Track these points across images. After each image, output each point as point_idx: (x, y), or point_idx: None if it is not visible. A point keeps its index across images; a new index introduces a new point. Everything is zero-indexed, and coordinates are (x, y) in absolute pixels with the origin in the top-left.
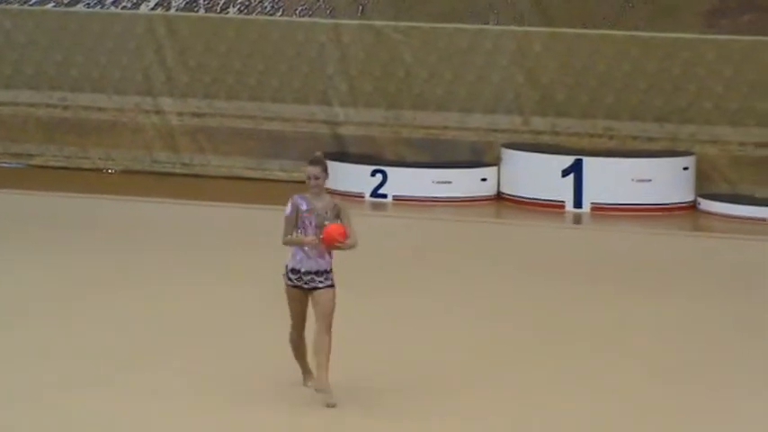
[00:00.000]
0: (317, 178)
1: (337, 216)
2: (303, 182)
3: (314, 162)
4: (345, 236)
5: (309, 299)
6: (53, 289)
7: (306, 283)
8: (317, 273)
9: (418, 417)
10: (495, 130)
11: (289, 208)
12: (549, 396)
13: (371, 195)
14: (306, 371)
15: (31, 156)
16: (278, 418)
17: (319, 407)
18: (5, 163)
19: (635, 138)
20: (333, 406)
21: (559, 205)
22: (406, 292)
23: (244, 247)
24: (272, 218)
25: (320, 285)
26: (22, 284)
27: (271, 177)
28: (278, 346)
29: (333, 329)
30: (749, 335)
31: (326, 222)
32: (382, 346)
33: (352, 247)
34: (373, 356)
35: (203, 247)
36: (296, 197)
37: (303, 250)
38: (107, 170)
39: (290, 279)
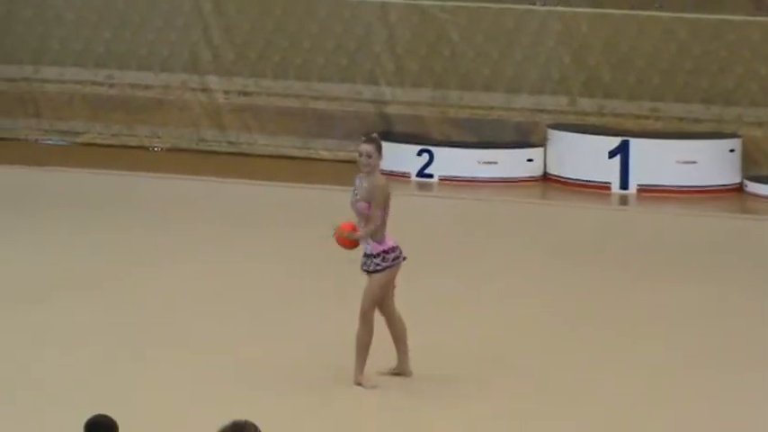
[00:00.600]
0: (369, 156)
1: (362, 198)
2: (348, 161)
3: (368, 140)
4: (351, 229)
5: None
6: (99, 266)
7: (362, 265)
8: (367, 256)
9: (449, 398)
10: (542, 111)
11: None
12: (586, 379)
13: (417, 175)
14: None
15: (77, 133)
16: (305, 400)
17: (347, 387)
18: (52, 140)
19: (681, 119)
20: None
21: (605, 187)
22: (449, 273)
23: (289, 226)
24: (317, 197)
25: (368, 269)
26: (69, 261)
27: (316, 157)
28: (318, 326)
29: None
30: None
31: (351, 201)
32: (423, 327)
33: (362, 237)
34: (412, 337)
35: (248, 226)
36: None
37: None
38: (153, 148)
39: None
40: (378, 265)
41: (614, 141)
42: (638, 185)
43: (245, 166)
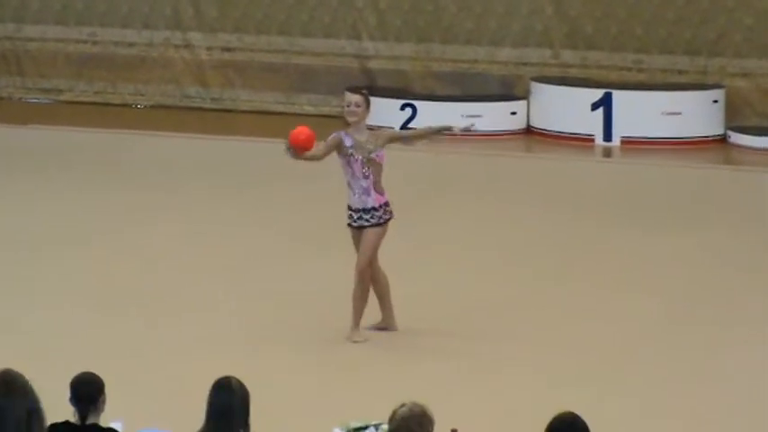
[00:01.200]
0: (357, 105)
1: (382, 144)
2: (332, 116)
3: (355, 90)
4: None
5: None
6: (82, 225)
7: (355, 221)
8: (363, 210)
9: (433, 353)
10: (525, 64)
11: (330, 137)
12: (566, 330)
13: (401, 129)
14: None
15: (60, 91)
16: (293, 356)
17: (346, 344)
18: (35, 98)
19: (664, 71)
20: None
21: (589, 139)
22: (432, 226)
23: (274, 181)
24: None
25: (365, 224)
26: (52, 220)
27: (300, 112)
28: (303, 283)
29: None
30: None
31: (372, 155)
32: (404, 279)
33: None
34: (395, 290)
35: (234, 182)
36: (340, 132)
37: (354, 187)
38: (136, 105)
39: (348, 217)
40: (380, 217)
41: (597, 93)
42: (622, 137)
43: (228, 123)
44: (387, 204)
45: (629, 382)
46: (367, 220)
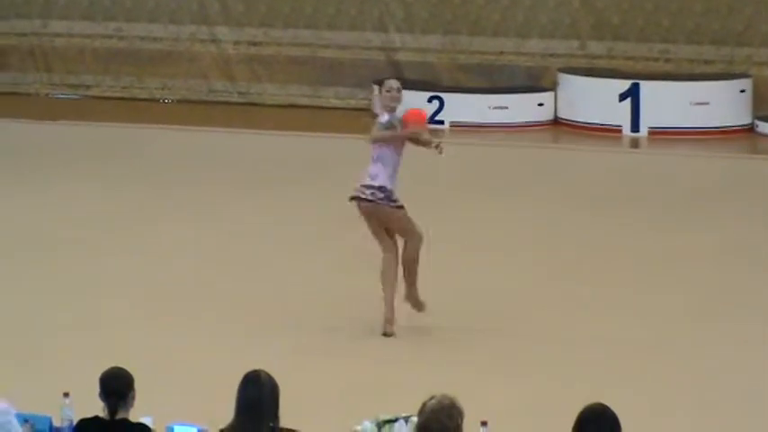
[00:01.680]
0: (399, 91)
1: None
2: (358, 109)
3: (392, 79)
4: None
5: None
6: (110, 219)
7: (380, 200)
8: (389, 190)
9: (455, 342)
10: (552, 55)
11: (386, 115)
12: (592, 325)
13: (428, 122)
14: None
15: (87, 87)
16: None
17: (375, 337)
18: (62, 94)
19: (691, 61)
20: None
21: (617, 129)
22: (460, 218)
23: (301, 174)
24: (329, 145)
25: (388, 204)
26: (81, 215)
27: (326, 105)
28: (332, 276)
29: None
30: None
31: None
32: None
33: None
34: (428, 287)
35: (260, 176)
36: (381, 116)
37: (388, 167)
38: (163, 100)
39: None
40: (394, 200)
41: (625, 84)
42: (649, 128)
43: (255, 117)
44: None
45: (655, 377)
46: (386, 200)
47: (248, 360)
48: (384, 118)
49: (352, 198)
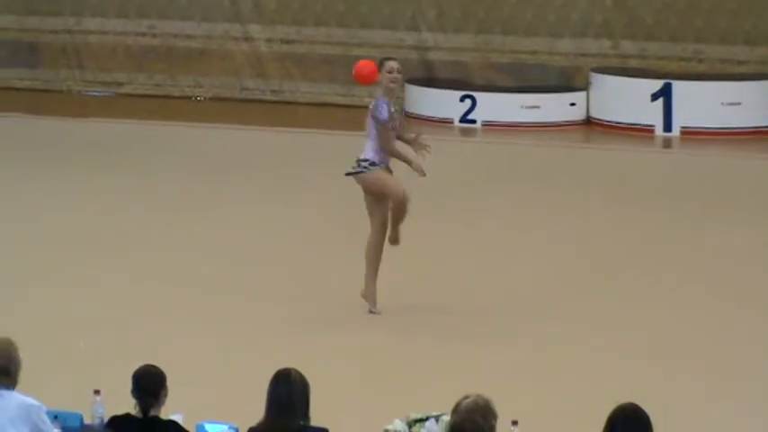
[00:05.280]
0: (399, 72)
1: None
2: None
3: (390, 58)
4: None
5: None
6: (143, 216)
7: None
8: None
9: (487, 340)
10: (584, 55)
11: (385, 111)
12: (620, 321)
13: (460, 121)
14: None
15: (120, 84)
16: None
17: (407, 334)
18: (95, 91)
19: (724, 61)
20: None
21: (649, 129)
22: (493, 217)
23: (334, 173)
24: (361, 144)
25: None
26: (114, 212)
27: (359, 104)
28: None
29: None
30: None
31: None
32: (467, 269)
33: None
34: (461, 284)
35: (293, 174)
36: (382, 100)
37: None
38: (196, 97)
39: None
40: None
41: (657, 84)
42: (682, 128)
43: (288, 115)
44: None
45: (692, 368)
46: (362, 168)
47: (279, 357)
48: (383, 114)
49: (347, 174)
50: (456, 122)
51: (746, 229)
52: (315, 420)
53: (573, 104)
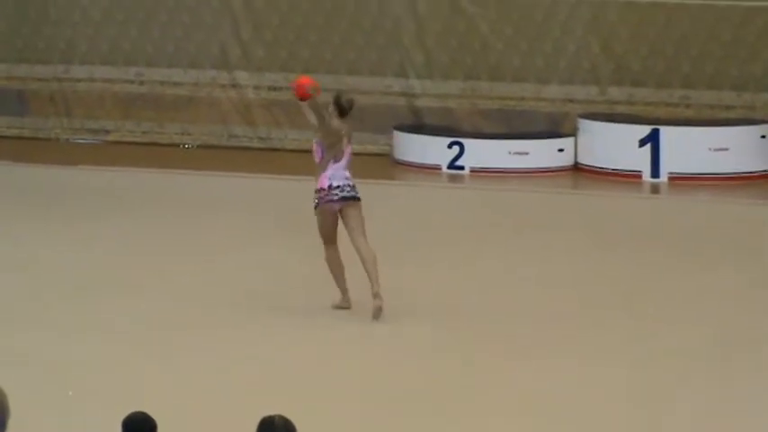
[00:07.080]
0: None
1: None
2: (379, 155)
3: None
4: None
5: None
6: (132, 265)
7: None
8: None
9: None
10: (572, 101)
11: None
12: (611, 363)
13: (448, 167)
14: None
15: (107, 131)
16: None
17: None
18: (82, 139)
19: (712, 107)
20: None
21: (637, 175)
22: (481, 261)
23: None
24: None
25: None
26: (104, 261)
27: None
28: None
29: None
30: None
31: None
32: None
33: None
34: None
35: (281, 221)
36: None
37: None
38: (184, 145)
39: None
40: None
41: (645, 130)
42: (670, 173)
43: (276, 162)
44: (317, 191)
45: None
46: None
47: (278, 406)
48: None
49: (357, 198)
50: (444, 169)
51: (733, 272)
52: None
53: (561, 150)
